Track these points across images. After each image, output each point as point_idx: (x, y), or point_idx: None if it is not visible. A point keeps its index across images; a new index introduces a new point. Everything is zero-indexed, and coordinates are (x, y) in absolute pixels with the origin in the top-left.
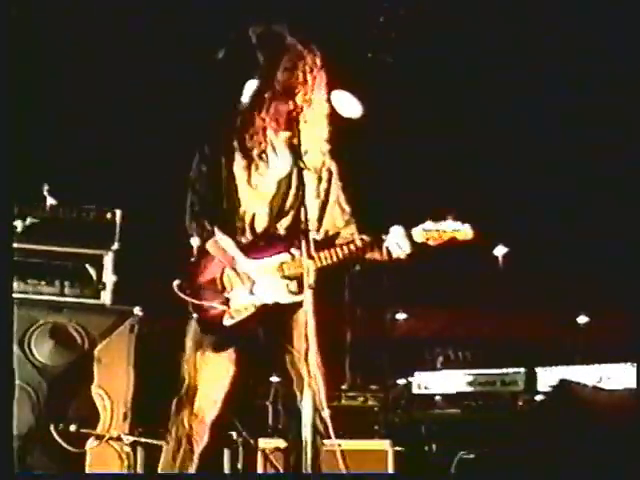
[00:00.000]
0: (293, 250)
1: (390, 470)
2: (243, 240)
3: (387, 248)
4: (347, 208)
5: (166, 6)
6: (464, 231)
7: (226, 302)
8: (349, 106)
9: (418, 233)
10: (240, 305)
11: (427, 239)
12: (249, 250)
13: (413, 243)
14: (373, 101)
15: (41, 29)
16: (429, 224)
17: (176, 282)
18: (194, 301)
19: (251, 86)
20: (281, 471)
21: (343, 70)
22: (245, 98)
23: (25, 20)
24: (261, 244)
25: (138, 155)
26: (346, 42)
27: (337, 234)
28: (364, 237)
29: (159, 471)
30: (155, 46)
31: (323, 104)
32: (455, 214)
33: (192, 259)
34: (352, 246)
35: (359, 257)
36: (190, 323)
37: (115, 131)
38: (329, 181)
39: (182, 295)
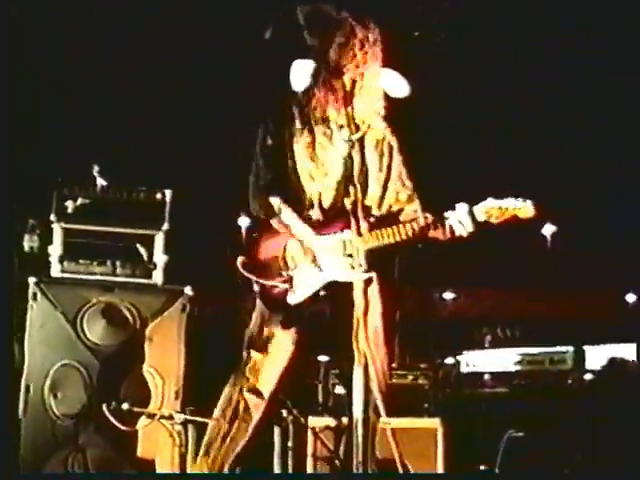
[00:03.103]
0: (354, 228)
1: (440, 448)
2: (312, 215)
3: (450, 226)
4: (408, 183)
5: None
6: (526, 208)
7: (289, 280)
8: (396, 86)
9: (480, 211)
10: (305, 283)
11: (489, 217)
12: (316, 226)
13: (475, 221)
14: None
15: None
16: (491, 201)
17: (240, 259)
18: (258, 279)
19: (300, 66)
20: (332, 449)
21: (398, 47)
22: (298, 77)
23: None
24: (327, 220)
25: (188, 135)
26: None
27: (401, 210)
28: (427, 215)
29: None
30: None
31: (377, 79)
32: (516, 191)
33: (254, 235)
34: (415, 224)
35: (421, 236)
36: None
37: (165, 111)
38: (390, 155)
39: (245, 273)
